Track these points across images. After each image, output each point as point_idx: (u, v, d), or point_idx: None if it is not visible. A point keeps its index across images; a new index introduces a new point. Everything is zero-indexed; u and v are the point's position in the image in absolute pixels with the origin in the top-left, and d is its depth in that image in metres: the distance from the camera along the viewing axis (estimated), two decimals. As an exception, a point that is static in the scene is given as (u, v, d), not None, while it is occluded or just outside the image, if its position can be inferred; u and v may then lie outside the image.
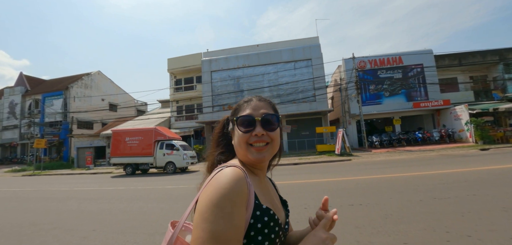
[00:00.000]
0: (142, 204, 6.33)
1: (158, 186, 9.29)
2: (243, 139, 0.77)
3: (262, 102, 0.84)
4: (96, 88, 32.54)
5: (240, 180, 0.66)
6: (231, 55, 23.95)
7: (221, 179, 0.66)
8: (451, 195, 4.89)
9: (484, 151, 12.85)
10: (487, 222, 3.42)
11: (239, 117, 0.80)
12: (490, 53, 21.80)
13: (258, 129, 0.77)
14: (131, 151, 14.24)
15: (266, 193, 0.79)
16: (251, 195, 0.68)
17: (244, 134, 0.77)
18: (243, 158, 0.80)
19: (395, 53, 20.84)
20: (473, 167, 8.04)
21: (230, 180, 0.65)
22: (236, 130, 0.80)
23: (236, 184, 0.64)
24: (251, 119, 0.78)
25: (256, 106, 0.82)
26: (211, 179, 0.68)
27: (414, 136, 18.50)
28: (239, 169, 0.69)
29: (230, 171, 0.67)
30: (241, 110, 0.82)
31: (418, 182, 6.39)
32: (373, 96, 20.45)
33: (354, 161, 12.96)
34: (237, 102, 0.88)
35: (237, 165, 0.72)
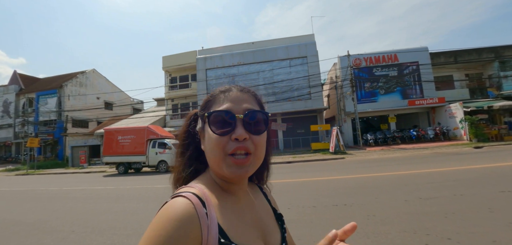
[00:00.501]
0: (127, 204, 6.24)
1: (147, 185, 9.20)
2: (217, 145, 0.55)
3: (245, 94, 0.62)
4: (91, 86, 32.29)
5: (185, 220, 0.47)
6: (226, 53, 23.83)
7: (159, 220, 0.48)
8: (438, 195, 4.82)
9: (477, 149, 12.82)
10: (470, 224, 3.35)
11: (213, 112, 0.57)
12: (485, 51, 21.77)
13: (239, 130, 0.55)
14: (124, 150, 14.12)
15: (245, 219, 0.58)
16: (210, 234, 0.49)
17: (219, 137, 0.55)
18: (215, 170, 0.59)
19: (391, 51, 20.77)
20: (465, 166, 7.99)
21: (169, 222, 0.46)
22: (207, 131, 0.57)
23: (177, 228, 0.46)
24: (230, 117, 0.56)
25: (237, 98, 0.59)
26: (155, 216, 0.50)
27: (408, 134, 18.47)
28: (192, 198, 0.50)
29: (173, 207, 0.49)
30: (215, 103, 0.60)
31: (407, 181, 6.32)
32: (368, 94, 20.39)
33: (348, 159, 12.90)
34: (212, 92, 0.64)
35: (193, 189, 0.54)
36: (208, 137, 0.57)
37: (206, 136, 0.58)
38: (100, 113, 31.14)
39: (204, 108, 0.62)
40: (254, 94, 0.64)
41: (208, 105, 0.62)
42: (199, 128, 0.62)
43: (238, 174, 0.55)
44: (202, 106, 0.63)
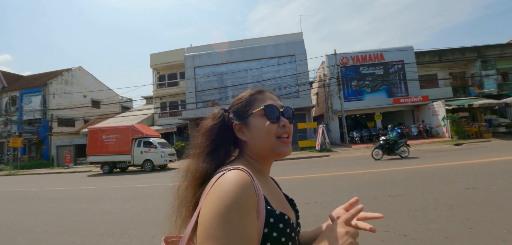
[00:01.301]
0: (105, 204, 6.21)
1: (129, 185, 9.13)
2: (270, 131, 0.70)
3: (274, 94, 0.79)
4: (77, 84, 31.63)
5: (247, 185, 0.57)
6: (214, 51, 23.70)
7: (224, 186, 0.56)
8: (407, 192, 4.97)
9: (457, 146, 13.22)
10: (429, 221, 3.48)
11: (268, 106, 0.72)
12: (468, 50, 22.32)
13: (284, 119, 0.72)
14: (108, 150, 13.94)
15: (275, 196, 0.72)
16: (261, 201, 0.59)
17: (271, 125, 0.70)
18: (263, 153, 0.72)
19: (377, 50, 21.09)
20: (440, 163, 8.24)
21: (236, 186, 0.55)
22: (257, 123, 0.71)
23: (243, 190, 0.55)
24: (277, 110, 0.72)
25: (273, 97, 0.77)
26: (213, 186, 0.58)
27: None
28: (243, 171, 0.60)
29: (234, 175, 0.58)
30: (258, 101, 0.74)
31: (382, 178, 6.48)
32: (355, 92, 20.68)
33: (332, 157, 13.09)
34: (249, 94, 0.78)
35: (240, 167, 0.63)
36: (258, 127, 0.71)
37: (254, 127, 0.71)
38: (87, 112, 30.55)
39: (245, 105, 0.75)
40: (277, 96, 0.81)
41: (251, 102, 0.75)
42: (237, 123, 0.74)
43: (286, 151, 0.71)
44: (243, 104, 0.76)
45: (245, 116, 0.74)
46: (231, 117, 0.76)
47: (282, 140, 0.70)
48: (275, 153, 0.70)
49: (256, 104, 0.74)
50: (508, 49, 22.74)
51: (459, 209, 3.81)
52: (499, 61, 22.05)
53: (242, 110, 0.75)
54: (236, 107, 0.77)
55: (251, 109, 0.73)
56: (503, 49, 22.55)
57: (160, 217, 4.71)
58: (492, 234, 2.93)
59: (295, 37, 23.36)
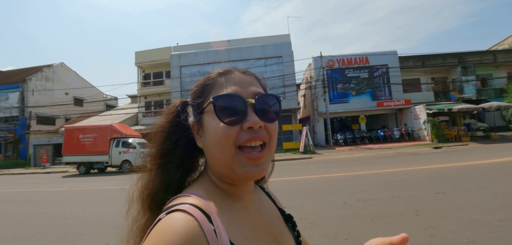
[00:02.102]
0: (70, 207, 5.91)
1: (101, 186, 8.78)
2: (226, 137, 0.44)
3: (248, 76, 0.52)
4: (59, 81, 30.54)
5: (193, 241, 0.36)
6: (200, 50, 23.40)
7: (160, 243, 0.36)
8: (377, 196, 4.92)
9: (436, 150, 13.45)
10: (391, 228, 3.40)
11: (219, 96, 0.47)
12: (450, 56, 22.93)
13: (252, 118, 0.45)
14: (85, 150, 13.43)
15: (254, 226, 0.49)
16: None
17: (227, 127, 0.45)
18: (222, 171, 0.48)
19: (362, 53, 21.34)
20: (416, 167, 8.31)
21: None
22: (210, 122, 0.47)
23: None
24: (240, 102, 0.46)
25: (242, 81, 0.49)
26: (147, 236, 0.39)
27: (376, 134, 19.11)
28: (189, 214, 0.39)
29: (174, 228, 0.37)
30: (216, 88, 0.49)
31: (355, 181, 6.44)
32: (340, 94, 20.83)
33: (314, 159, 13.07)
34: (206, 77, 0.53)
35: (189, 205, 0.41)
36: (212, 129, 0.46)
37: (207, 129, 0.48)
38: (69, 110, 29.53)
39: (200, 95, 0.50)
40: (257, 77, 0.54)
41: (206, 90, 0.50)
42: (193, 121, 0.51)
43: (254, 173, 0.45)
44: (197, 93, 0.51)
45: (198, 111, 0.50)
46: (188, 113, 0.53)
47: (245, 153, 0.45)
48: (235, 172, 0.45)
49: (212, 92, 0.49)
50: (487, 56, 23.53)
51: (424, 216, 3.76)
52: (479, 67, 22.75)
53: (196, 103, 0.51)
54: (192, 97, 0.53)
55: (206, 99, 0.49)
56: (482, 56, 23.31)
57: (121, 222, 4.47)
58: (451, 243, 2.88)
59: (282, 38, 23.35)
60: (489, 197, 4.45)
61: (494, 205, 3.99)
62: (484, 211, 3.76)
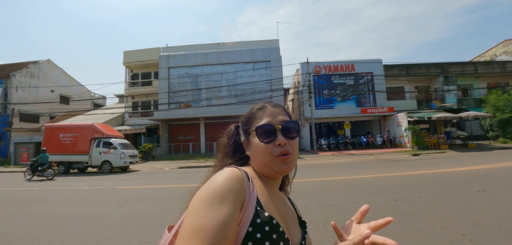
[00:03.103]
0: (39, 206, 5.83)
1: (76, 186, 8.67)
2: (266, 151, 0.70)
3: (278, 108, 0.78)
4: (45, 78, 29.94)
5: (237, 179, 0.60)
6: (190, 52, 23.41)
7: (216, 177, 0.62)
8: (338, 202, 5.07)
9: (414, 157, 13.81)
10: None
11: (259, 126, 0.72)
12: (433, 66, 23.60)
13: (280, 138, 0.71)
14: (64, 149, 13.23)
15: (275, 203, 0.70)
16: (251, 199, 0.61)
17: (266, 145, 0.70)
18: (264, 170, 0.72)
19: (348, 61, 21.74)
20: (388, 173, 8.53)
21: (225, 178, 0.60)
22: (255, 141, 0.73)
23: (231, 182, 0.59)
24: (272, 128, 0.72)
25: (273, 113, 0.75)
26: (210, 178, 0.63)
27: (359, 140, 19.45)
28: (239, 170, 0.64)
29: (228, 170, 0.63)
30: (256, 119, 0.76)
31: (324, 187, 6.59)
32: (326, 100, 21.14)
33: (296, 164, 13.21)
34: (250, 111, 0.80)
35: (243, 167, 0.69)
36: (256, 145, 0.72)
37: (253, 145, 0.74)
38: (54, 108, 28.97)
39: (246, 123, 0.78)
40: (283, 108, 0.79)
41: (250, 121, 0.77)
42: (243, 140, 0.79)
43: (285, 168, 0.70)
44: (245, 122, 0.79)
45: (246, 134, 0.77)
46: (239, 134, 0.81)
47: (280, 158, 0.69)
48: (273, 170, 0.70)
49: (254, 122, 0.75)
50: (469, 66, 24.32)
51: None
52: (460, 77, 23.50)
53: (244, 128, 0.79)
54: (241, 124, 0.81)
55: (251, 126, 0.76)
56: (464, 66, 24.07)
57: (85, 223, 4.48)
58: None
59: (271, 43, 23.59)
60: (442, 205, 4.64)
61: (443, 213, 4.17)
62: (432, 219, 3.93)
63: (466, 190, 5.69)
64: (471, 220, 3.83)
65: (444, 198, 5.06)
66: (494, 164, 9.27)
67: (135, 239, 3.67)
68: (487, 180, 6.66)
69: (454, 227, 3.61)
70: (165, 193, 6.89)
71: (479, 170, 8.18)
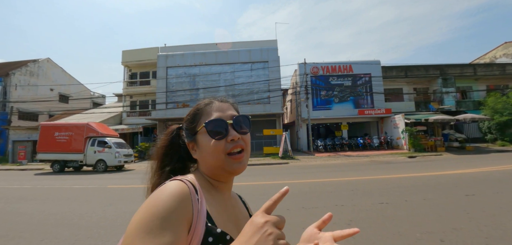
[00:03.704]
0: (26, 204, 5.82)
1: (68, 186, 8.68)
2: (217, 149, 0.63)
3: (226, 103, 0.72)
4: (44, 76, 30.05)
5: (182, 196, 0.53)
6: (188, 52, 23.41)
7: (155, 196, 0.53)
8: (322, 204, 5.04)
9: (410, 159, 13.74)
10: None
11: (209, 122, 0.65)
12: (432, 68, 23.51)
13: (232, 133, 0.65)
14: (60, 147, 13.27)
15: (227, 212, 0.66)
16: (200, 216, 0.55)
17: (217, 142, 0.64)
18: (215, 172, 0.67)
19: (346, 62, 21.69)
20: (379, 176, 8.49)
21: (167, 196, 0.52)
22: (203, 139, 0.65)
23: (174, 201, 0.51)
24: (223, 123, 0.65)
25: (222, 107, 0.69)
26: (151, 194, 0.55)
27: (356, 141, 19.40)
28: (185, 182, 0.57)
29: (171, 186, 0.55)
30: (204, 115, 0.68)
31: (312, 189, 6.56)
32: (323, 101, 21.09)
33: (290, 165, 13.19)
34: (195, 108, 0.72)
35: (185, 178, 0.59)
36: (205, 144, 0.65)
37: (201, 144, 0.66)
38: (53, 106, 29.07)
39: (192, 121, 0.70)
40: (232, 103, 0.74)
41: (197, 118, 0.69)
42: (189, 141, 0.70)
43: (239, 169, 0.65)
44: (190, 120, 0.71)
45: (192, 133, 0.69)
46: (183, 135, 0.74)
47: (232, 157, 0.64)
48: (225, 170, 0.65)
49: (202, 119, 0.68)
50: (468, 68, 24.21)
51: (355, 225, 3.87)
52: (459, 79, 23.39)
53: (190, 127, 0.70)
54: (186, 123, 0.73)
55: (198, 124, 0.68)
56: (463, 68, 23.96)
57: (68, 221, 4.48)
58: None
59: (269, 44, 23.55)
60: (428, 209, 4.61)
61: (426, 218, 4.14)
62: (414, 223, 3.90)
63: (455, 194, 5.65)
64: (453, 225, 3.80)
65: (430, 202, 5.02)
66: (488, 168, 9.22)
67: (114, 239, 3.67)
68: (478, 184, 6.61)
69: (434, 232, 3.58)
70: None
71: (472, 174, 8.13)
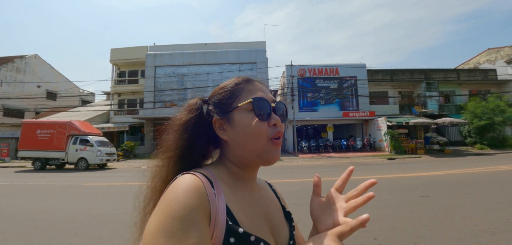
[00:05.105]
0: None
1: (43, 182, 8.74)
2: (260, 131, 0.56)
3: (264, 85, 0.65)
4: (32, 73, 29.73)
5: (197, 192, 0.47)
6: (176, 52, 23.48)
7: (169, 194, 0.48)
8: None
9: (389, 161, 14.11)
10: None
11: (258, 98, 0.58)
12: (416, 72, 24.06)
13: (275, 117, 0.59)
14: (41, 145, 13.25)
15: (254, 209, 0.58)
16: (218, 213, 0.48)
17: (260, 123, 0.56)
18: (249, 158, 0.58)
19: (333, 65, 22.05)
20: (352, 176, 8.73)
21: (181, 194, 0.46)
22: (243, 119, 0.57)
23: (190, 198, 0.46)
24: (268, 105, 0.59)
25: (263, 88, 0.63)
26: (165, 192, 0.50)
27: (340, 143, 19.76)
28: (199, 175, 0.51)
29: (183, 180, 0.49)
30: (245, 92, 0.60)
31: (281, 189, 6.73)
32: (310, 103, 21.41)
33: (271, 166, 13.38)
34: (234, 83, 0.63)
35: (200, 170, 0.54)
36: (245, 123, 0.57)
37: (239, 124, 0.58)
38: (40, 103, 28.78)
39: (229, 96, 0.61)
40: (268, 87, 0.66)
41: (236, 93, 0.61)
42: (219, 118, 0.60)
43: (276, 156, 0.58)
44: (226, 93, 0.61)
45: (228, 109, 0.60)
46: (211, 110, 0.62)
47: (273, 142, 0.57)
48: (262, 158, 0.57)
49: (242, 95, 0.60)
50: (452, 73, 24.86)
51: (301, 225, 4.09)
52: (443, 84, 24.01)
53: (224, 102, 0.61)
54: (218, 97, 0.62)
55: (236, 101, 0.60)
56: (447, 73, 24.60)
57: (25, 218, 4.58)
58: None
59: (257, 45, 23.78)
60: (377, 209, 4.85)
61: (372, 218, 4.37)
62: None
63: (411, 195, 5.91)
64: (392, 225, 4.04)
65: (383, 203, 5.27)
66: (457, 170, 9.57)
67: (66, 236, 3.79)
68: (437, 186, 6.91)
69: (371, 231, 3.81)
70: (128, 191, 7.00)
71: (438, 176, 8.45)
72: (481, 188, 6.50)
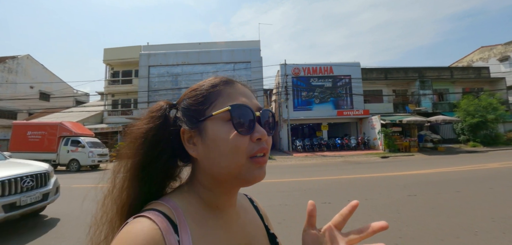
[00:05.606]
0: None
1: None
2: (239, 147, 0.44)
3: (248, 89, 0.52)
4: (24, 73, 29.37)
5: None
6: (170, 51, 23.35)
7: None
8: (268, 204, 5.22)
9: (382, 159, 14.15)
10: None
11: (237, 105, 0.46)
12: (411, 70, 24.18)
13: (260, 130, 0.46)
14: (32, 146, 13.09)
15: (233, 242, 0.48)
16: None
17: (240, 137, 0.44)
18: (226, 179, 0.47)
19: (327, 63, 22.07)
20: (342, 176, 8.76)
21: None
22: (218, 130, 0.45)
23: None
24: (251, 114, 0.46)
25: (245, 92, 0.50)
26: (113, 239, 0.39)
27: (334, 141, 19.80)
28: (154, 220, 0.39)
29: (134, 233, 0.37)
30: (223, 97, 0.48)
31: (268, 189, 6.74)
32: (304, 102, 21.42)
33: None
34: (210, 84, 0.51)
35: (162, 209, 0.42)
36: (220, 137, 0.45)
37: (213, 137, 0.45)
38: (34, 104, 28.46)
39: (203, 101, 0.48)
40: (253, 90, 0.54)
41: (211, 98, 0.48)
42: (187, 128, 0.48)
43: (259, 176, 0.46)
44: (198, 98, 0.49)
45: (200, 118, 0.47)
46: (179, 118, 0.50)
47: (255, 160, 0.45)
48: (241, 179, 0.46)
49: (219, 100, 0.48)
50: (445, 71, 25.04)
51: (284, 225, 4.07)
52: (437, 82, 24.15)
53: (196, 108, 0.48)
54: (188, 102, 0.50)
55: (210, 108, 0.47)
56: (440, 71, 24.76)
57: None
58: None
59: (252, 44, 23.72)
60: (363, 209, 4.84)
61: (356, 217, 4.37)
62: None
63: (399, 194, 5.91)
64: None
65: (370, 202, 5.27)
66: (448, 168, 9.63)
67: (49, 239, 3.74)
68: (426, 184, 6.92)
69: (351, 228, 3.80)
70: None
71: (428, 174, 8.48)
72: (469, 186, 6.53)
